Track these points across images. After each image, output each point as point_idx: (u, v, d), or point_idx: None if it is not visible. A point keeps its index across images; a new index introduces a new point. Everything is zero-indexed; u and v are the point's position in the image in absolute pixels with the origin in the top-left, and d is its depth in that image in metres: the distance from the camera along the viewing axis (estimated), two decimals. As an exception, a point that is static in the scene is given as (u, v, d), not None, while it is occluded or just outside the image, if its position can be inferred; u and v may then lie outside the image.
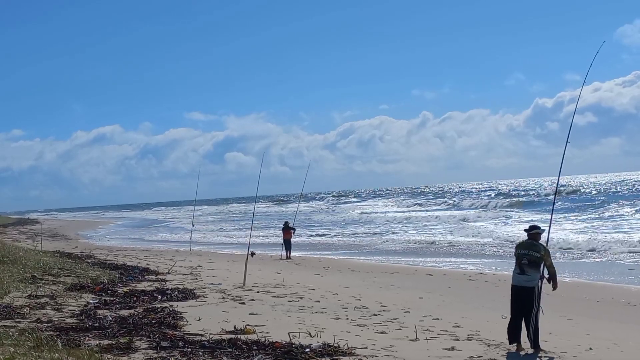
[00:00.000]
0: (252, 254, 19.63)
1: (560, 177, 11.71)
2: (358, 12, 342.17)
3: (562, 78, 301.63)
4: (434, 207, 75.77)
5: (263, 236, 44.82)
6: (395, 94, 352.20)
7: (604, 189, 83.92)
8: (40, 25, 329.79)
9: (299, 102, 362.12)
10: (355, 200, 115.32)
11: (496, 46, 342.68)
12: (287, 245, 29.48)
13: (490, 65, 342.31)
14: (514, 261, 10.39)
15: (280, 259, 28.37)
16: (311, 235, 44.37)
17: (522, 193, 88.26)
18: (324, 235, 45.13)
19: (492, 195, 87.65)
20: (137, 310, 12.42)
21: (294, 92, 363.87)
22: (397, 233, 42.98)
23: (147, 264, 23.03)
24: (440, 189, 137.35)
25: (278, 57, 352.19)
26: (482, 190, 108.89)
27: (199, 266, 23.05)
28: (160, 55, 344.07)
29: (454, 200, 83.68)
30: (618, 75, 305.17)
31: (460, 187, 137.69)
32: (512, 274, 10.43)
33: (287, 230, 30.25)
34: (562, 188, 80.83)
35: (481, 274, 21.80)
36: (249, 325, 11.10)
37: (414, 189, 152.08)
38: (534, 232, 10.37)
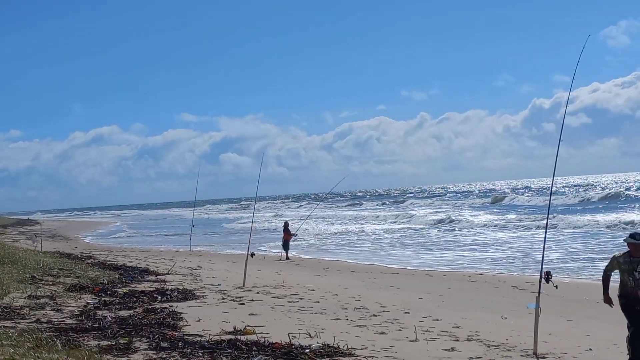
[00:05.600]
0: (252, 254, 19.60)
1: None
2: (356, 14, 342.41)
3: (551, 79, 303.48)
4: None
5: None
6: (393, 95, 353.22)
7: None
8: (39, 27, 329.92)
9: (297, 103, 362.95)
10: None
11: (486, 47, 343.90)
12: (285, 245, 29.48)
13: (481, 66, 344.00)
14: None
15: (280, 260, 28.37)
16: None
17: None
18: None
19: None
20: (136, 310, 12.40)
21: (292, 92, 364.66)
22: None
23: (147, 265, 23.01)
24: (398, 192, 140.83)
25: (274, 58, 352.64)
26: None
27: (198, 267, 23.04)
28: (158, 57, 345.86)
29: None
30: (604, 76, 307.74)
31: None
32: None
33: (287, 231, 30.23)
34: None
35: (481, 274, 21.80)
36: (248, 325, 11.10)
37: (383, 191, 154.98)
38: None
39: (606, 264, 9.50)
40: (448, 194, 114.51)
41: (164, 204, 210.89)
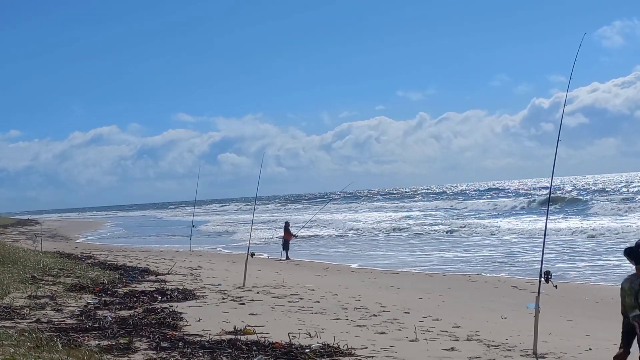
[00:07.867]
0: (252, 254, 19.60)
1: (550, 178, 11.62)
2: (356, 13, 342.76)
3: (548, 79, 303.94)
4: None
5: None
6: (392, 95, 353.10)
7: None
8: (39, 27, 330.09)
9: (296, 103, 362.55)
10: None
11: (483, 47, 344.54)
12: (285, 246, 29.49)
13: (479, 66, 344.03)
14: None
15: (280, 260, 28.39)
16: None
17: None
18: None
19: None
20: (137, 310, 12.42)
21: (291, 93, 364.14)
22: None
23: (147, 265, 23.01)
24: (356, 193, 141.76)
25: (273, 58, 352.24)
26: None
27: (198, 267, 23.04)
28: (157, 56, 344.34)
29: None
30: (603, 76, 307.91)
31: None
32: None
33: (288, 231, 30.24)
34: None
35: (480, 274, 21.82)
36: (248, 325, 11.11)
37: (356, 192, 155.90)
38: None
39: None
40: (418, 195, 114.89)
41: (164, 203, 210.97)
